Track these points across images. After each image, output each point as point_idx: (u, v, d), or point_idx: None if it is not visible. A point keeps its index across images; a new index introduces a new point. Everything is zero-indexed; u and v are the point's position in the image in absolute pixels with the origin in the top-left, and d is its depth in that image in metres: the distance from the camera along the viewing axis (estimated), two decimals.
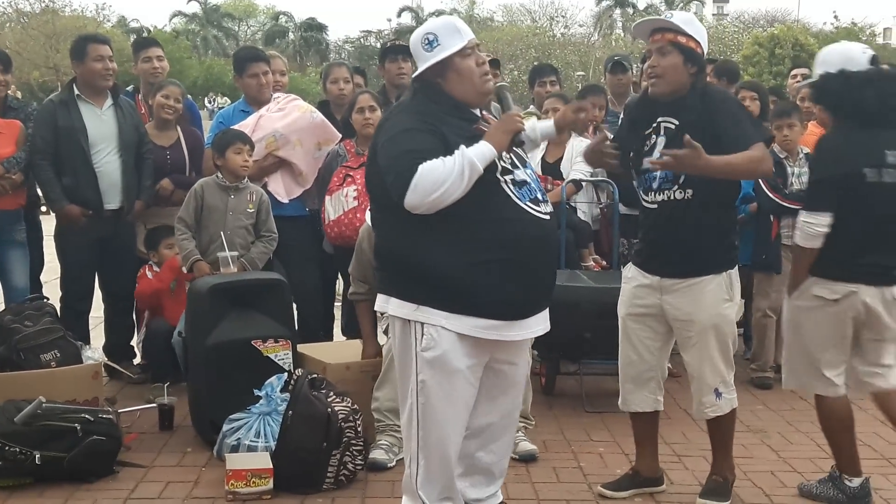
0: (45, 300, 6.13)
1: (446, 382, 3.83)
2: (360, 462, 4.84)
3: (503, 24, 50.64)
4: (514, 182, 3.85)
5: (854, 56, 4.58)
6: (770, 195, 6.50)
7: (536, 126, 4.42)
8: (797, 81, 8.42)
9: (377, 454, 5.01)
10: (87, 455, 4.78)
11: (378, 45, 57.57)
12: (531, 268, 3.86)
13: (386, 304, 3.94)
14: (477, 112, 4.00)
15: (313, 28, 60.34)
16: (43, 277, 6.80)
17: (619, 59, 8.51)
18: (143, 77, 7.02)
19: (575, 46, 45.62)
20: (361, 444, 4.86)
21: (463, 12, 56.77)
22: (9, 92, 6.91)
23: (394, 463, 4.99)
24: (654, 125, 4.56)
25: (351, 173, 6.15)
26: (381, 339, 5.33)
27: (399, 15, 61.82)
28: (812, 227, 4.47)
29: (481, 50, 4.02)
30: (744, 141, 4.36)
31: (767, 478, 4.83)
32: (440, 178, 3.63)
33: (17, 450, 4.66)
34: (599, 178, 6.57)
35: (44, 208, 6.97)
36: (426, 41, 3.90)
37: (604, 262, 6.59)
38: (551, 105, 6.60)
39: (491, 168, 3.77)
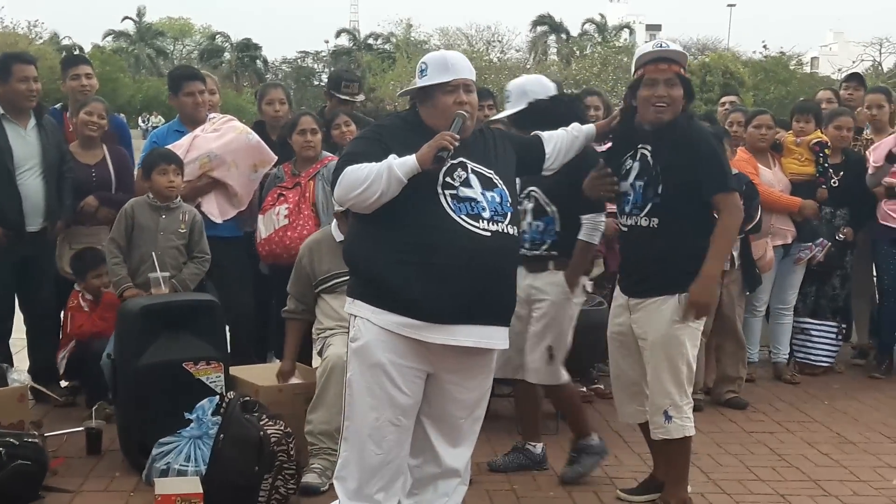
0: None
1: (368, 373, 4.05)
2: (292, 486, 4.82)
3: (440, 48, 51.06)
4: (455, 197, 4.04)
5: (549, 85, 5.05)
6: None
7: None
8: (726, 108, 8.59)
9: (310, 478, 4.98)
10: (11, 479, 4.69)
11: (314, 66, 57.73)
12: (454, 276, 3.96)
13: (347, 304, 4.25)
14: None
15: (250, 48, 60.31)
16: None
17: (556, 85, 8.60)
18: (72, 95, 6.94)
19: (511, 71, 45.97)
20: (294, 467, 4.84)
21: (400, 35, 57.04)
22: None
23: (327, 487, 4.94)
24: (632, 151, 4.71)
25: (284, 192, 6.22)
26: (316, 360, 5.33)
27: (337, 36, 62.04)
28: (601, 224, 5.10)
29: (471, 90, 4.20)
30: (718, 188, 4.56)
31: (698, 499, 4.86)
32: (361, 178, 3.95)
33: None
34: None
35: None
36: (420, 68, 4.24)
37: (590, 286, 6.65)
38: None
39: (431, 181, 4.00)
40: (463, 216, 4.01)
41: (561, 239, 4.93)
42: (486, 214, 4.06)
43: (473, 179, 4.11)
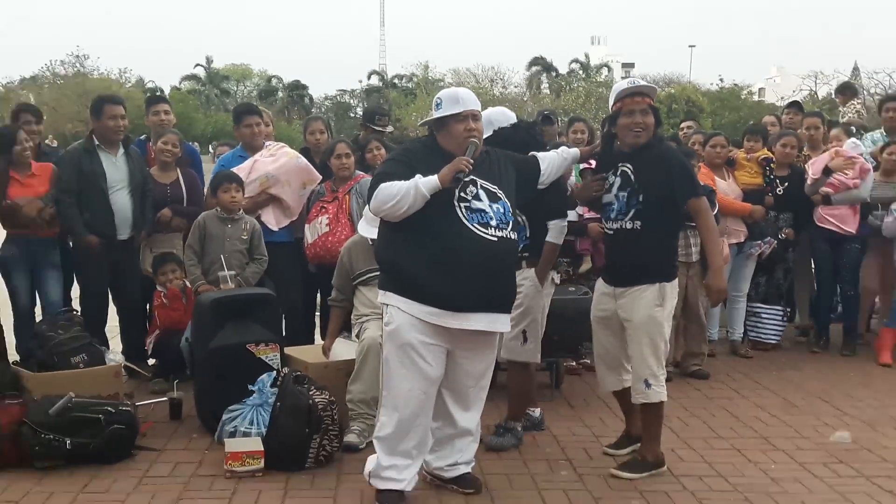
0: (75, 312, 6.08)
1: (400, 351, 4.11)
2: (336, 445, 4.81)
3: (452, 86, 50.99)
4: (468, 208, 4.12)
5: (510, 115, 4.96)
6: None
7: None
8: (685, 133, 8.59)
9: (350, 438, 4.99)
10: (109, 441, 4.75)
11: (351, 102, 57.81)
12: (469, 273, 4.04)
13: (379, 295, 4.29)
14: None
15: (298, 87, 60.39)
16: (73, 294, 6.71)
17: (548, 114, 8.59)
18: (154, 128, 7.01)
19: (511, 103, 45.91)
20: (337, 429, 4.82)
21: (420, 75, 56.97)
22: (46, 140, 6.89)
23: (364, 445, 4.96)
24: (614, 168, 4.74)
25: (325, 205, 6.30)
26: (355, 341, 5.34)
27: (369, 77, 62.07)
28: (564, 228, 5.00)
29: (477, 119, 4.27)
30: (689, 194, 4.61)
31: (669, 454, 4.86)
32: (393, 194, 4.02)
33: (52, 437, 4.62)
34: None
35: None
36: (435, 103, 4.30)
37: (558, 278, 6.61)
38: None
39: (449, 196, 4.07)
40: (475, 224, 4.09)
41: (531, 242, 4.87)
42: (493, 223, 4.13)
43: (482, 194, 4.17)
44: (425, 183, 4.00)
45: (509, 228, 4.19)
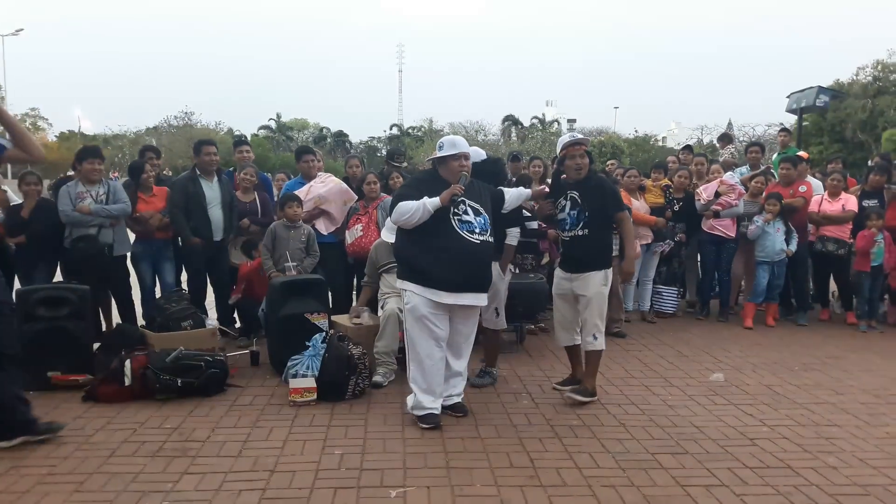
0: (184, 291, 6.09)
1: (418, 322, 4.16)
2: (367, 383, 4.82)
3: (449, 134, 50.72)
4: (459, 220, 4.16)
5: (481, 152, 4.79)
6: None
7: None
8: (610, 166, 8.61)
9: (377, 378, 4.99)
10: (208, 380, 4.76)
11: (378, 145, 57.61)
12: (460, 266, 4.12)
13: (398, 282, 4.34)
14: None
15: (342, 135, 60.17)
16: (182, 278, 6.71)
17: (516, 154, 8.62)
18: (239, 163, 6.99)
19: (490, 147, 45.94)
20: (368, 372, 4.84)
21: (426, 126, 56.76)
22: (164, 171, 6.91)
23: (387, 383, 4.98)
24: (564, 195, 4.82)
25: (360, 217, 6.27)
26: (380, 312, 5.35)
27: (390, 128, 61.84)
28: (518, 233, 4.99)
29: (468, 158, 4.31)
30: (617, 209, 4.76)
31: (598, 389, 4.87)
32: (408, 210, 4.10)
33: (168, 377, 4.64)
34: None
35: None
36: (438, 145, 4.36)
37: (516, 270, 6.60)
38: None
39: (446, 210, 4.13)
40: (465, 231, 4.15)
41: (496, 244, 4.65)
42: (477, 230, 4.19)
43: (469, 210, 4.22)
44: (431, 202, 4.09)
45: (488, 234, 4.24)
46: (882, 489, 3.42)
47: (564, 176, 4.87)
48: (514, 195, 4.63)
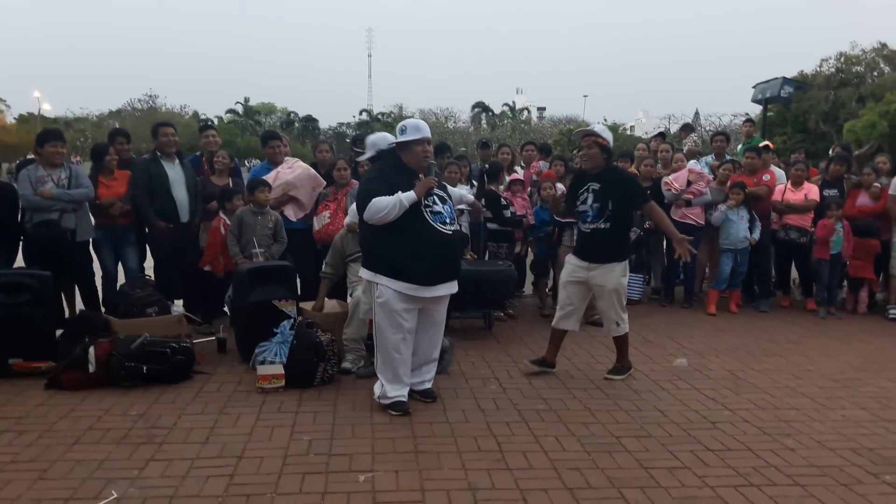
0: (149, 277, 6.01)
1: (389, 316, 4.10)
2: (335, 369, 4.82)
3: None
4: (431, 211, 4.08)
5: (389, 138, 4.59)
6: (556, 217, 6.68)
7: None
8: (577, 155, 8.66)
9: (346, 364, 4.99)
10: (174, 367, 4.72)
11: (347, 131, 57.20)
12: (434, 258, 4.06)
13: (364, 273, 4.20)
14: (419, 175, 4.15)
15: (310, 120, 59.55)
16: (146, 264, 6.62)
17: (486, 141, 8.65)
18: (205, 147, 6.89)
19: (460, 134, 45.85)
20: (336, 359, 4.84)
21: (396, 112, 56.47)
22: (133, 155, 6.82)
23: (355, 369, 4.97)
24: (585, 187, 4.89)
25: (328, 204, 6.22)
26: (348, 299, 5.34)
27: (360, 113, 61.34)
28: None
29: (429, 143, 4.22)
30: (643, 201, 4.88)
31: (563, 375, 4.94)
32: (382, 207, 3.95)
33: (133, 364, 4.58)
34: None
35: None
36: (400, 130, 4.17)
37: (475, 256, 6.65)
38: (449, 171, 6.51)
39: (417, 204, 4.03)
40: (437, 223, 4.08)
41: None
42: (448, 220, 4.14)
43: (437, 199, 4.15)
44: (407, 198, 3.98)
45: (456, 224, 4.22)
46: (837, 470, 3.55)
47: (580, 165, 5.04)
48: (456, 196, 4.61)
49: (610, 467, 3.49)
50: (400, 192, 3.99)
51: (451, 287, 4.26)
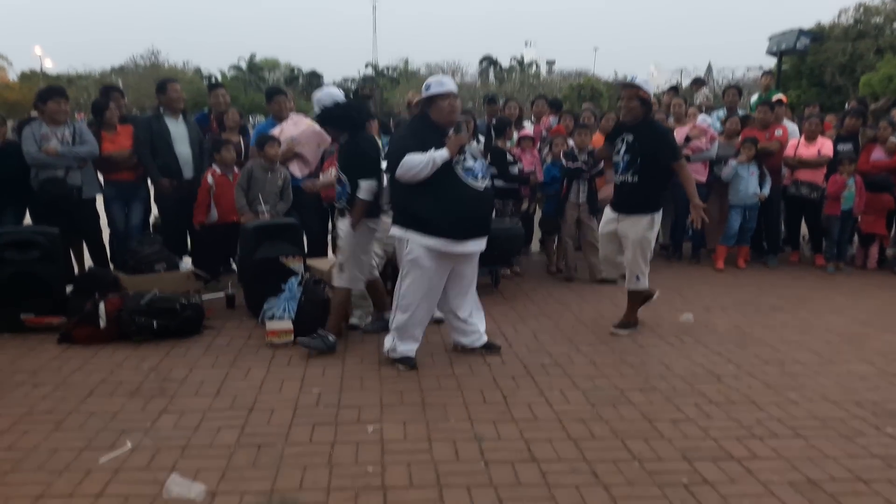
0: (156, 234, 6.06)
1: (418, 272, 4.11)
2: (343, 325, 4.86)
3: (425, 75, 49.92)
4: (463, 168, 4.08)
5: (337, 94, 4.48)
6: (565, 166, 6.67)
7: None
8: (584, 110, 8.61)
9: (353, 320, 5.06)
10: (184, 322, 4.80)
11: (351, 86, 56.68)
12: (465, 214, 4.08)
13: (395, 230, 4.18)
14: (449, 131, 4.12)
15: (314, 76, 58.93)
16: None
17: (492, 97, 8.57)
18: (214, 106, 6.87)
19: (466, 89, 45.31)
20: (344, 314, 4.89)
21: (401, 66, 55.79)
22: (134, 112, 6.85)
23: (363, 325, 5.04)
24: (621, 137, 4.94)
25: (334, 160, 6.14)
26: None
27: (366, 67, 60.68)
28: (371, 186, 4.34)
29: (457, 97, 4.19)
30: (672, 159, 4.82)
31: (571, 330, 4.99)
32: (415, 164, 3.95)
33: (143, 320, 4.67)
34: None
35: None
36: (425, 87, 4.14)
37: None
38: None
39: (449, 161, 4.01)
40: (470, 179, 4.09)
41: (349, 199, 4.40)
42: (480, 176, 4.15)
43: (469, 157, 4.15)
44: (440, 156, 3.97)
45: (488, 180, 4.23)
46: (839, 422, 3.60)
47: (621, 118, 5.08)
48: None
49: (614, 419, 3.56)
50: (433, 149, 4.00)
51: (481, 244, 4.25)
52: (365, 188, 4.35)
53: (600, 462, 3.09)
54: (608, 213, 5.10)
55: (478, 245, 4.22)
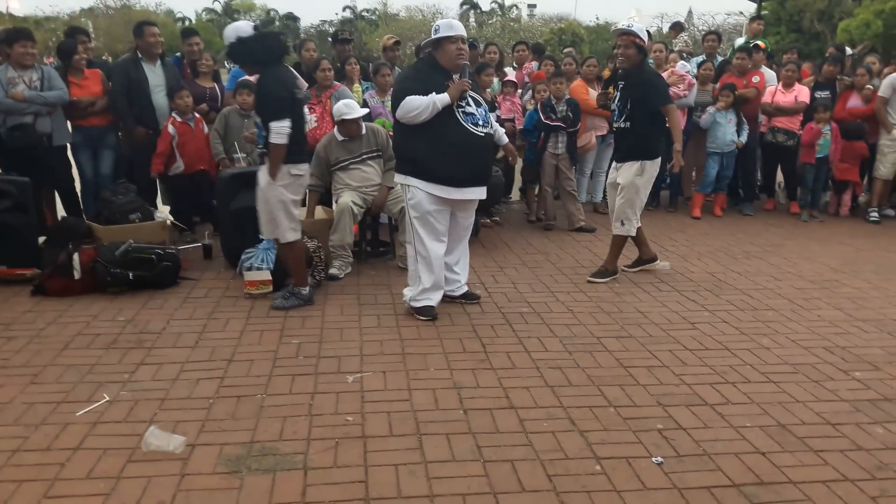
0: (130, 183, 5.90)
1: (422, 217, 4.10)
2: (322, 275, 4.86)
3: (405, 18, 48.64)
4: (464, 113, 4.04)
5: (243, 28, 4.16)
6: (544, 121, 6.53)
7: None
8: (565, 55, 8.44)
9: (332, 271, 5.02)
10: (160, 273, 4.73)
11: (329, 29, 55.21)
12: (465, 160, 4.04)
13: (398, 178, 4.19)
14: (454, 76, 4.07)
15: (291, 19, 57.28)
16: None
17: (472, 41, 8.33)
18: (188, 54, 6.61)
19: None
20: (323, 265, 4.86)
21: (380, 9, 54.43)
22: (104, 57, 6.57)
23: (342, 276, 5.01)
24: (616, 84, 5.03)
25: (312, 107, 5.99)
26: (334, 206, 5.28)
27: (343, 10, 59.05)
28: (283, 128, 3.98)
29: (463, 42, 4.08)
30: (662, 103, 4.89)
31: (549, 280, 4.99)
32: (415, 106, 3.93)
33: (119, 271, 4.59)
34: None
35: None
36: (434, 28, 4.09)
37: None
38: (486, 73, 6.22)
39: (450, 105, 3.97)
40: (470, 124, 4.04)
41: (265, 144, 4.14)
42: (481, 122, 4.10)
43: (472, 102, 4.09)
44: (440, 99, 3.92)
45: (490, 126, 4.17)
46: (810, 367, 3.67)
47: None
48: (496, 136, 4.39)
49: (590, 366, 3.59)
50: (434, 93, 3.94)
51: (481, 192, 4.22)
52: (276, 130, 3.97)
53: (577, 408, 3.12)
54: (614, 164, 5.18)
55: (477, 193, 4.20)
